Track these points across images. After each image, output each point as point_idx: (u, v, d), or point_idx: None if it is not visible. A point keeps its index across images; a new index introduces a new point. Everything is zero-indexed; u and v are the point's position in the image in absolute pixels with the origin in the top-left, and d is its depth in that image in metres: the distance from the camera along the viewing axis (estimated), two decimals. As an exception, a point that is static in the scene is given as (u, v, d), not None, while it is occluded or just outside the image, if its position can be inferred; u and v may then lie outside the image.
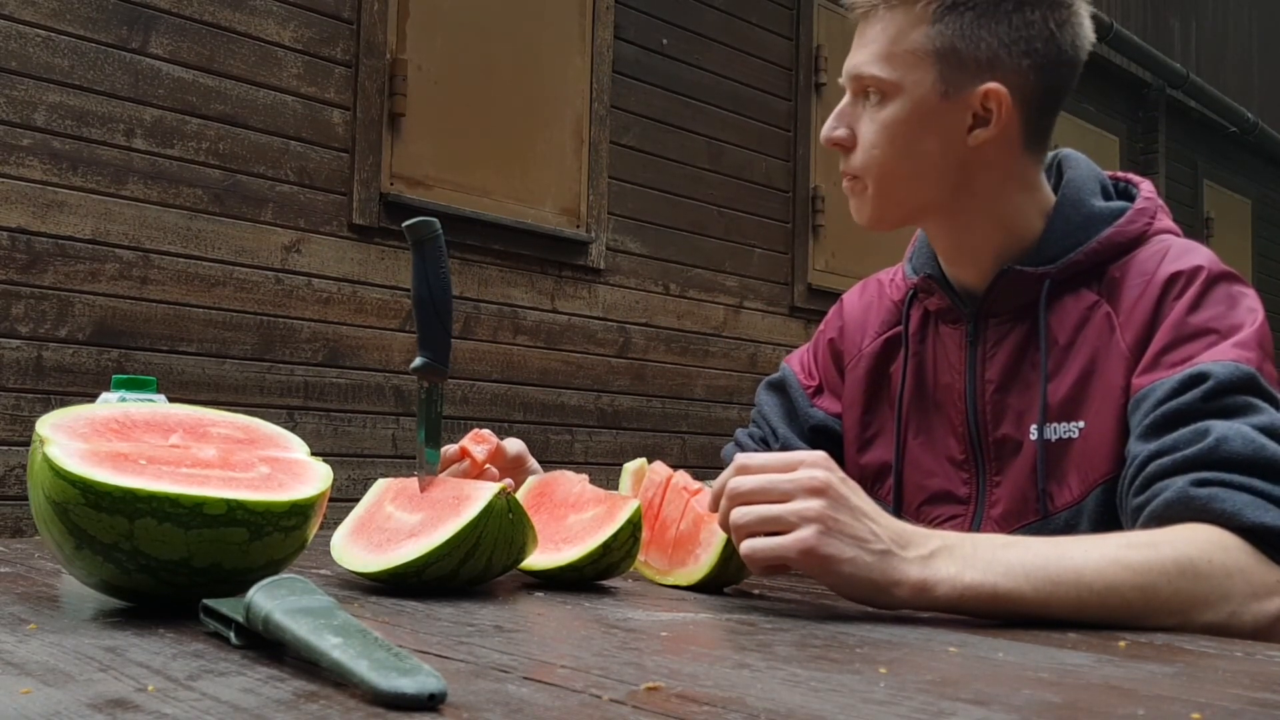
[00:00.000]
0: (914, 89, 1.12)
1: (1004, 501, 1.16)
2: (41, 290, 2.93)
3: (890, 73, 1.12)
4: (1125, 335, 1.10)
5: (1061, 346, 1.14)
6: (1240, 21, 9.04)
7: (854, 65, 1.16)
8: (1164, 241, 1.14)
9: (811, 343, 1.40)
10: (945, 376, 1.22)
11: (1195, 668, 0.71)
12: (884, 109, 1.14)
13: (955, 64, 1.11)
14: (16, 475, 2.87)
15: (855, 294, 1.38)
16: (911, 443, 1.25)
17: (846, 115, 1.18)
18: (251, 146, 3.32)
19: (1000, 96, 1.11)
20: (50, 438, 0.80)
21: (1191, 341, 1.05)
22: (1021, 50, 1.12)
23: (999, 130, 1.12)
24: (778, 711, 0.55)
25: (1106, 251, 1.14)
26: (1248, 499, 0.93)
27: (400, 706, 0.53)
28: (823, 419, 1.34)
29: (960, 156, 1.14)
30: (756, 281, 4.80)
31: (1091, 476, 1.10)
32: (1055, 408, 1.13)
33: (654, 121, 4.45)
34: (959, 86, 1.11)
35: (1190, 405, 1.00)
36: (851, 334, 1.34)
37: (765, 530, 0.88)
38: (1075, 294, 1.15)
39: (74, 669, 0.61)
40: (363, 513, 1.06)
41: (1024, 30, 1.11)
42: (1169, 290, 1.09)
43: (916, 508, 1.23)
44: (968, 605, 0.87)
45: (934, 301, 1.24)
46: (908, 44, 1.12)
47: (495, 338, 3.90)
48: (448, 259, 1.03)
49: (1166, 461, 0.98)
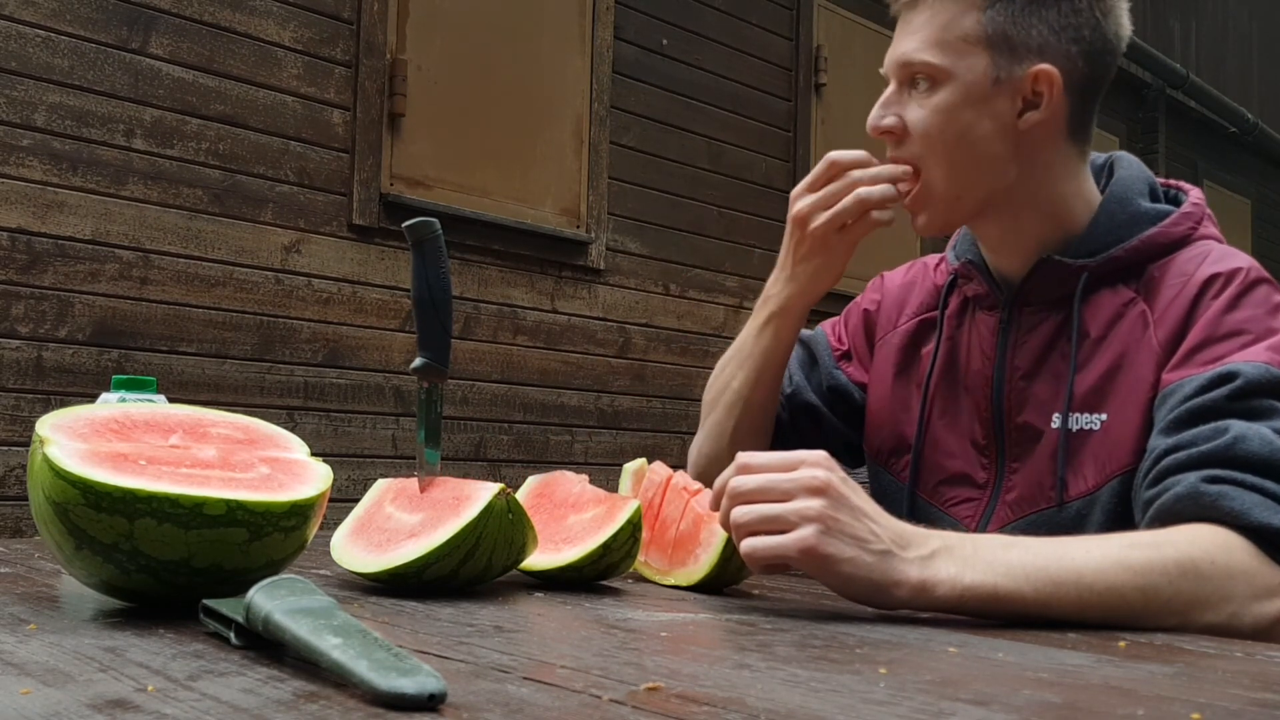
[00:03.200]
0: (966, 74, 1.13)
1: (1020, 487, 1.16)
2: (41, 290, 2.93)
3: (943, 59, 1.13)
4: (1158, 332, 1.10)
5: (1093, 339, 1.14)
6: (1240, 22, 9.04)
7: (903, 53, 1.15)
8: (1206, 245, 1.15)
9: (845, 312, 1.42)
10: (976, 361, 1.23)
11: (1195, 668, 0.71)
12: (935, 95, 1.14)
13: (1006, 50, 1.12)
14: (16, 475, 2.87)
15: (900, 272, 1.40)
16: (935, 422, 1.25)
17: (893, 104, 1.17)
18: (251, 147, 3.32)
19: (1051, 78, 1.13)
20: (50, 438, 0.80)
21: (1224, 341, 1.05)
22: (1070, 37, 1.13)
23: (1049, 113, 1.14)
24: (778, 711, 0.55)
25: (1148, 250, 1.15)
26: (1257, 499, 0.93)
27: (400, 706, 0.53)
28: (844, 382, 1.35)
29: (1013, 140, 1.15)
30: (756, 281, 4.78)
31: (1109, 468, 1.10)
32: (1079, 399, 1.13)
33: (654, 122, 4.45)
34: (1010, 71, 1.13)
35: (1215, 403, 1.00)
36: (889, 309, 1.36)
37: (766, 529, 0.88)
38: (1113, 289, 1.15)
39: (74, 669, 0.61)
40: (363, 513, 1.06)
41: (1072, 17, 1.13)
42: (1206, 290, 1.09)
43: (933, 486, 1.24)
44: (968, 606, 0.87)
45: (973, 287, 1.25)
46: (959, 30, 1.13)
47: (495, 338, 3.91)
48: (448, 259, 1.03)
49: (1182, 456, 0.98)
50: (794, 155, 4.96)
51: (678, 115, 4.54)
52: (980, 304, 1.25)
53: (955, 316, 1.28)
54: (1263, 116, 8.60)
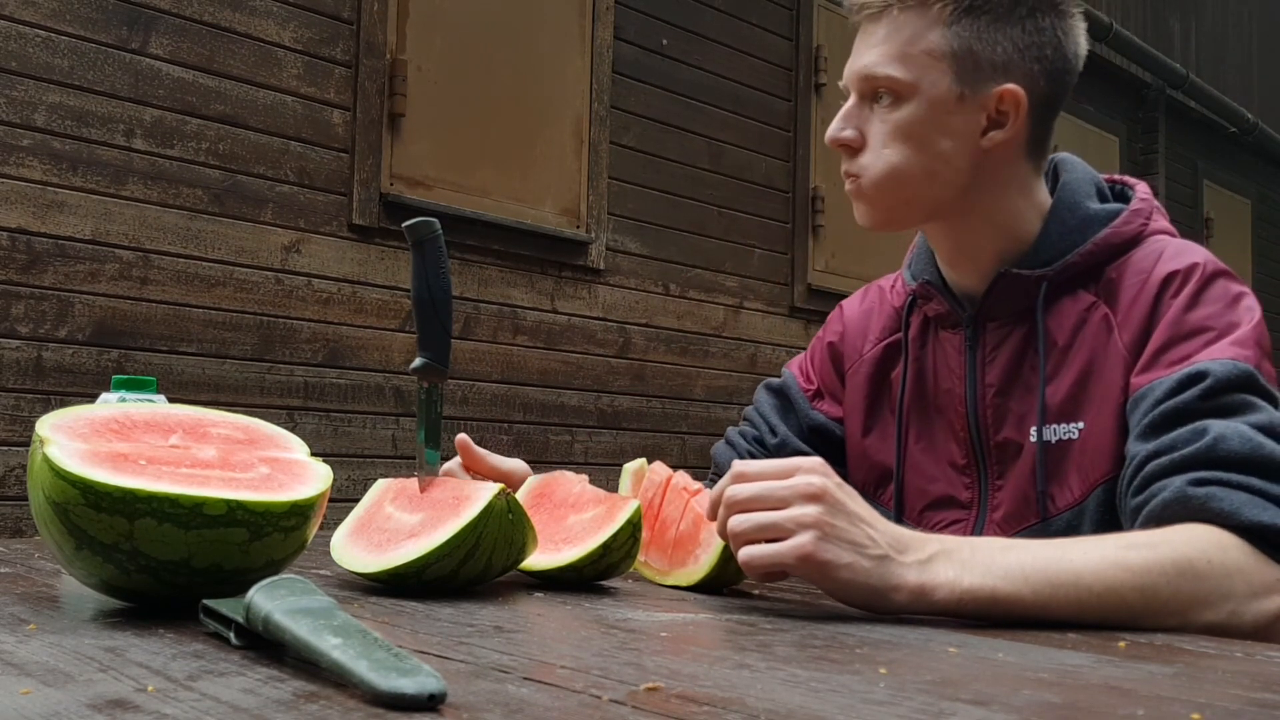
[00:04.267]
0: (930, 89, 1.12)
1: (1006, 504, 1.16)
2: (41, 290, 2.93)
3: (907, 73, 1.12)
4: (1123, 335, 1.10)
5: (1060, 348, 1.14)
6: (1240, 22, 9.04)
7: (865, 66, 1.14)
8: (1160, 242, 1.14)
9: (809, 349, 1.41)
10: (945, 381, 1.22)
11: (1195, 668, 0.71)
12: (898, 110, 1.13)
13: (971, 66, 1.12)
14: (16, 475, 2.87)
15: (856, 300, 1.38)
16: (913, 448, 1.25)
17: (854, 117, 1.16)
18: (251, 147, 3.32)
19: (1018, 97, 1.12)
20: (50, 438, 0.80)
21: (1189, 340, 1.05)
22: (1034, 55, 1.13)
23: (1012, 132, 1.13)
24: (778, 712, 0.55)
25: (1102, 253, 1.14)
26: (1245, 498, 0.93)
27: (400, 707, 0.53)
28: (823, 421, 1.34)
29: (973, 158, 1.14)
30: (756, 282, 4.80)
31: (1092, 476, 1.10)
32: (1054, 409, 1.13)
33: (654, 122, 4.45)
34: (975, 88, 1.12)
35: (1188, 404, 1.00)
36: (852, 339, 1.34)
37: (763, 537, 0.88)
38: (1073, 296, 1.15)
39: (74, 669, 0.61)
40: (363, 513, 1.06)
41: (1036, 35, 1.13)
42: (1166, 289, 1.09)
43: (919, 513, 1.23)
44: (967, 609, 0.87)
45: (933, 307, 1.24)
46: (924, 45, 1.12)
47: (495, 338, 3.90)
48: (448, 259, 1.03)
49: (1164, 461, 0.98)
50: (794, 155, 4.96)
51: (678, 115, 4.53)
52: (942, 323, 1.24)
53: (919, 337, 1.26)
54: (1263, 116, 8.60)
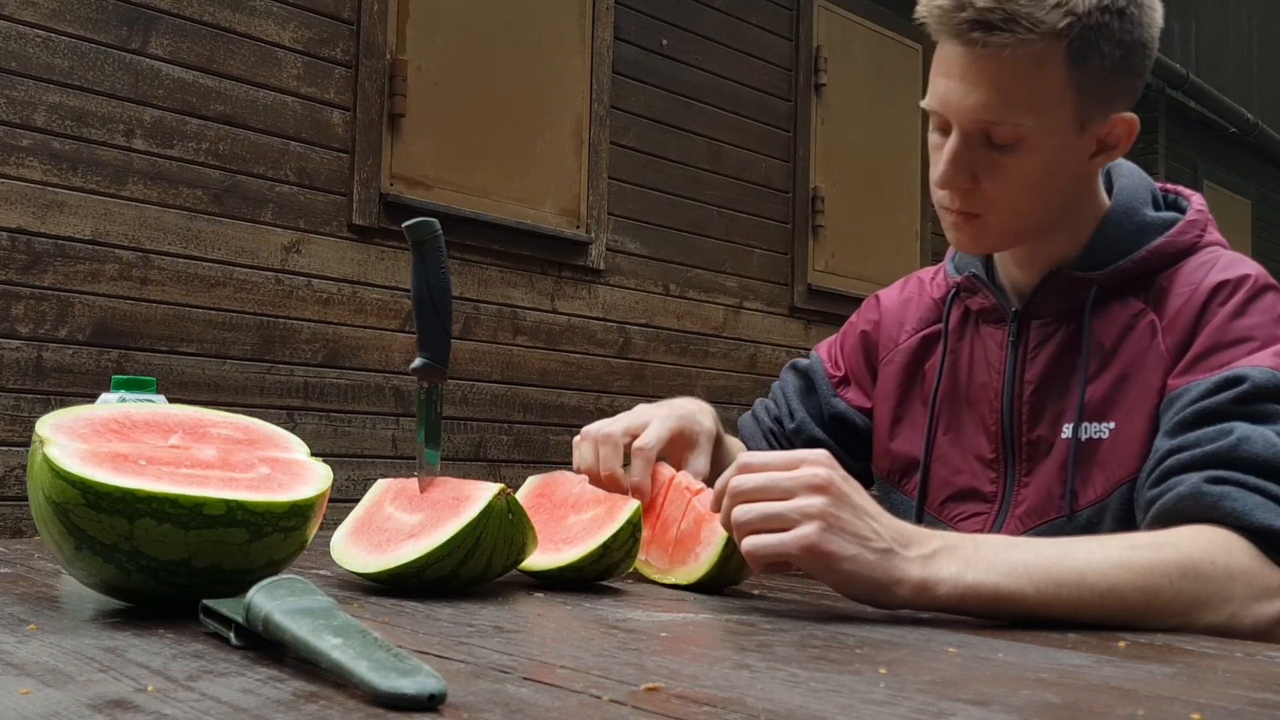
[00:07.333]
0: (1054, 132, 1.08)
1: (1030, 499, 1.16)
2: (41, 290, 2.93)
3: (1032, 118, 1.06)
4: (1166, 339, 1.10)
5: (1105, 351, 1.14)
6: (1240, 22, 9.04)
7: (981, 106, 1.06)
8: (1213, 253, 1.14)
9: (840, 334, 1.41)
10: (981, 375, 1.22)
11: (1195, 668, 0.71)
12: (1023, 156, 1.08)
13: (1092, 100, 1.09)
14: (16, 475, 2.87)
15: (895, 290, 1.38)
16: (941, 439, 1.25)
17: (965, 160, 1.09)
18: (251, 147, 3.32)
19: (1132, 126, 1.12)
20: (50, 438, 0.80)
21: (1232, 347, 1.05)
22: (1139, 75, 1.12)
23: (1120, 153, 1.13)
24: (778, 712, 0.55)
25: (1155, 261, 1.14)
26: (1259, 501, 0.93)
27: (400, 707, 0.53)
28: (844, 410, 1.34)
29: (1078, 179, 1.14)
30: (756, 282, 4.80)
31: (1116, 475, 1.10)
32: (1090, 408, 1.13)
33: (654, 122, 4.45)
34: (1092, 120, 1.10)
35: (1220, 405, 1.00)
36: (888, 328, 1.34)
37: (767, 528, 0.88)
38: (1122, 301, 1.15)
39: (74, 669, 0.61)
40: (362, 513, 1.06)
41: (1146, 61, 1.12)
42: (1214, 297, 1.09)
43: (940, 504, 1.24)
44: (969, 605, 0.87)
45: (977, 301, 1.24)
46: (1046, 85, 1.06)
47: (495, 338, 3.90)
48: (448, 259, 1.03)
49: (1185, 456, 0.99)
50: (794, 155, 4.96)
51: (678, 115, 4.53)
52: (985, 317, 1.24)
53: (957, 330, 1.27)
54: (1263, 116, 8.60)
